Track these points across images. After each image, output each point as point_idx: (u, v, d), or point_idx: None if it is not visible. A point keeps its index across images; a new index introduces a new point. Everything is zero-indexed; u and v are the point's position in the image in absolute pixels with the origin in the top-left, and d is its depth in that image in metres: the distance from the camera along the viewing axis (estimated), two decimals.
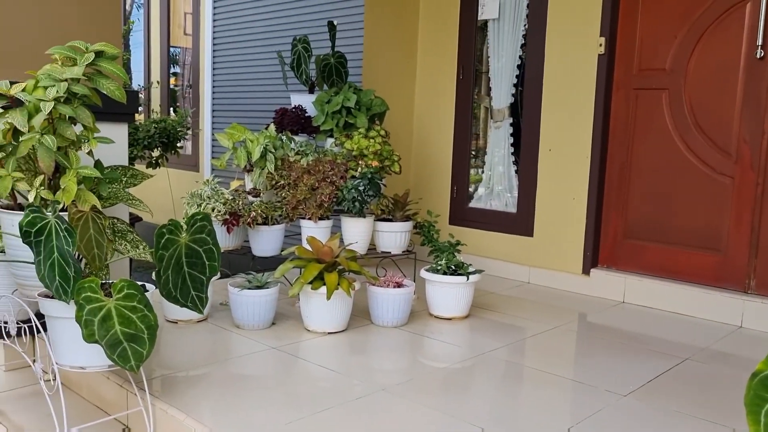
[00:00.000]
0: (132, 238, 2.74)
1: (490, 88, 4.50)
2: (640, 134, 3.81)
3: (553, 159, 4.12)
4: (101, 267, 2.04)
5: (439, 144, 4.69)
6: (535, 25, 4.15)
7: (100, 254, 2.03)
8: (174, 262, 2.24)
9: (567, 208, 4.06)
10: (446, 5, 4.58)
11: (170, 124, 4.83)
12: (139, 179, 2.88)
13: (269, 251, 3.45)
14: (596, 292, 3.95)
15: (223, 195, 3.43)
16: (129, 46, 6.79)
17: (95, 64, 2.30)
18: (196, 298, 2.33)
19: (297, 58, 3.89)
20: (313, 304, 3.02)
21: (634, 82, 3.82)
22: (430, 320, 3.35)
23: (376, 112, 3.82)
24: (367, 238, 3.55)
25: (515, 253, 4.33)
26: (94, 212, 2.04)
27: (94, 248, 2.02)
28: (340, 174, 3.44)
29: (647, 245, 3.81)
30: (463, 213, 4.60)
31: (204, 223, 2.31)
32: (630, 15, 3.81)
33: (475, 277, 3.33)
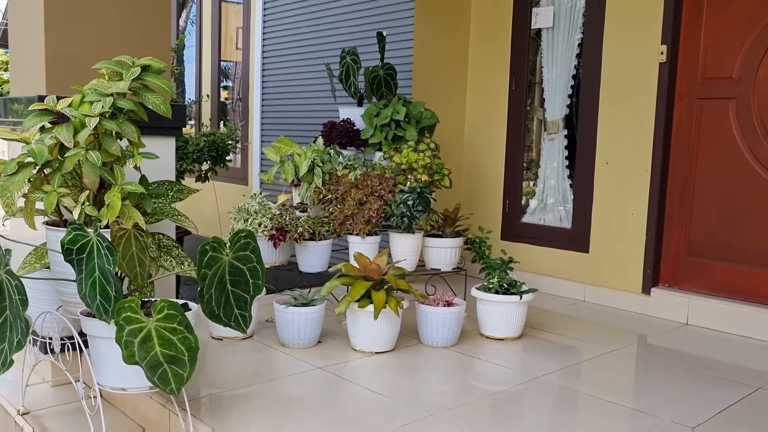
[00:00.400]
0: (177, 254, 2.70)
1: (543, 99, 4.35)
2: (705, 146, 3.62)
3: (610, 172, 3.94)
4: (144, 285, 2.00)
5: (490, 157, 4.56)
6: (592, 33, 4.00)
7: (142, 272, 1.98)
8: (217, 280, 2.19)
9: (625, 224, 3.88)
10: (498, 14, 4.46)
11: (219, 137, 4.84)
12: (185, 194, 2.84)
13: (316, 267, 3.38)
14: (657, 313, 3.74)
15: (270, 210, 3.38)
16: (182, 60, 6.88)
17: (141, 79, 2.27)
18: (240, 317, 2.27)
19: (345, 70, 3.83)
20: (360, 323, 2.93)
21: (698, 91, 3.63)
22: (481, 340, 3.22)
23: (425, 125, 3.73)
24: (416, 255, 3.44)
25: (570, 269, 4.16)
26: (136, 229, 2.00)
27: (137, 266, 1.97)
28: (388, 188, 3.36)
29: (713, 264, 3.60)
30: (516, 228, 4.45)
31: (248, 241, 2.25)
32: (693, 21, 3.62)
33: (528, 296, 3.19)
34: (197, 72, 6.61)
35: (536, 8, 4.31)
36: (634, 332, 3.52)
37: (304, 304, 3.04)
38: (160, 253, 2.64)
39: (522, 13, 4.36)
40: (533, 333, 3.36)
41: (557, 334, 3.38)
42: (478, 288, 3.28)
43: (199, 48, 6.59)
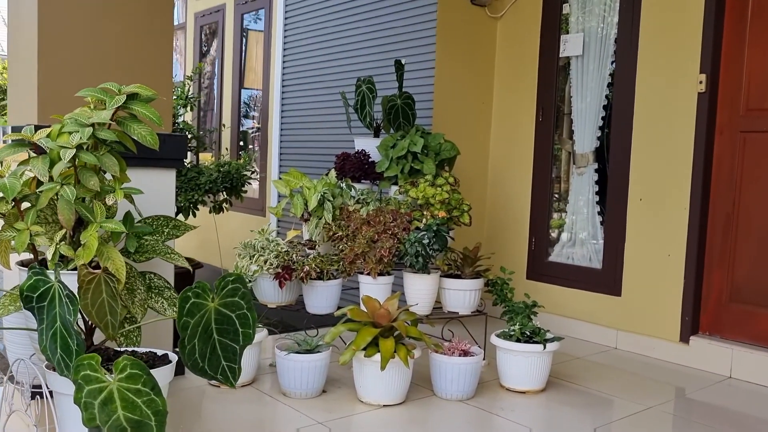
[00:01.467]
0: (170, 296, 2.50)
1: (572, 130, 4.10)
2: (749, 183, 3.32)
3: (644, 210, 3.66)
4: (115, 335, 1.79)
5: (516, 192, 4.30)
6: (625, 61, 3.75)
7: (113, 321, 1.78)
8: (201, 329, 1.97)
9: (661, 266, 3.58)
10: (525, 42, 4.25)
11: (234, 167, 4.68)
12: (181, 231, 2.65)
13: (324, 308, 3.16)
14: (696, 364, 3.42)
15: (278, 246, 3.18)
16: (201, 88, 6.79)
17: (128, 107, 2.10)
18: (228, 369, 2.04)
19: (361, 99, 3.64)
20: (366, 373, 2.69)
21: (741, 123, 3.34)
22: (501, 393, 2.95)
23: (445, 158, 3.50)
24: (432, 297, 3.19)
25: (600, 313, 3.86)
26: (107, 274, 1.80)
27: (107, 315, 1.77)
28: (402, 225, 3.13)
29: (759, 311, 3.27)
30: (542, 267, 4.18)
31: (237, 285, 2.03)
32: (735, 48, 3.35)
33: (553, 345, 2.92)
34: (218, 100, 6.51)
35: (565, 35, 4.08)
36: (671, 385, 3.21)
37: (308, 351, 2.81)
38: (149, 294, 2.44)
39: (550, 41, 4.13)
40: (559, 385, 3.08)
41: (586, 386, 3.08)
42: (498, 335, 3.02)
43: (221, 76, 6.49)
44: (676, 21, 3.51)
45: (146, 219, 2.56)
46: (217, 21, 6.62)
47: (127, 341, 2.28)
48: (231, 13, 6.42)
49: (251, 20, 6.29)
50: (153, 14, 2.78)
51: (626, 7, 3.74)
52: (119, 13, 2.74)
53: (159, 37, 2.78)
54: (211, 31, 6.81)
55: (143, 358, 2.00)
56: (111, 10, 2.73)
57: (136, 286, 2.33)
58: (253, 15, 6.23)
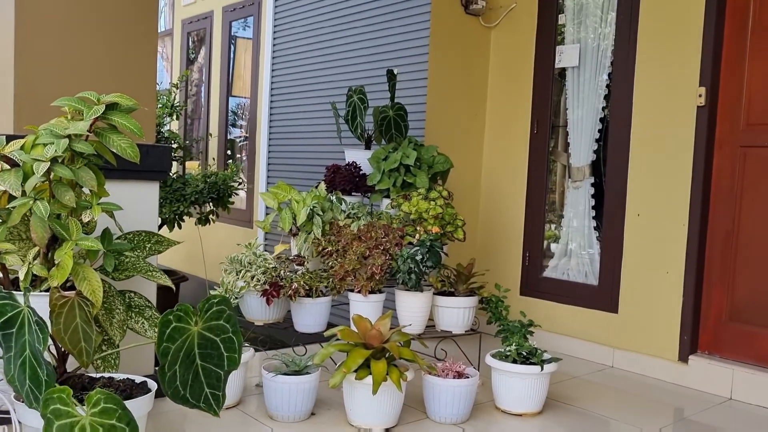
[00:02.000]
0: (151, 315, 2.38)
1: (568, 143, 4.01)
2: (750, 199, 3.24)
3: (642, 225, 3.57)
4: (89, 363, 1.67)
5: (509, 206, 4.21)
6: (622, 73, 3.67)
7: (88, 348, 1.65)
8: (183, 355, 1.86)
9: (659, 283, 3.49)
10: (519, 52, 4.16)
11: (221, 178, 4.56)
12: (164, 246, 2.53)
13: (313, 327, 3.04)
14: (696, 384, 3.33)
15: (265, 261, 3.06)
16: (188, 95, 6.66)
17: (107, 118, 1.98)
18: (211, 397, 1.93)
19: (352, 109, 3.54)
20: (357, 396, 2.57)
21: (741, 138, 3.27)
22: (497, 415, 2.84)
23: (438, 171, 3.40)
24: (425, 315, 3.08)
25: (596, 331, 3.76)
26: (81, 297, 1.68)
27: (81, 341, 1.65)
28: (395, 241, 3.02)
29: (761, 331, 3.19)
30: (536, 283, 4.08)
31: (222, 308, 1.92)
32: (735, 61, 3.28)
33: (550, 366, 2.82)
34: (205, 109, 6.39)
35: (560, 46, 4.01)
36: (671, 406, 3.12)
37: (297, 372, 2.69)
38: (129, 314, 2.32)
39: (545, 51, 4.05)
40: (556, 407, 2.97)
41: (583, 408, 2.98)
42: (493, 355, 2.91)
43: (208, 84, 6.37)
44: (674, 33, 3.43)
45: (127, 234, 2.43)
46: (204, 28, 6.51)
47: (105, 365, 2.16)
48: (219, 20, 6.31)
49: (239, 27, 6.18)
50: (136, 21, 2.67)
51: (623, 18, 3.67)
52: (101, 19, 2.62)
53: (142, 45, 2.67)
54: (199, 39, 6.70)
55: (120, 386, 1.88)
56: (92, 16, 2.61)
57: (115, 305, 2.21)
58: (242, 22, 6.12)
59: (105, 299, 2.13)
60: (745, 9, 3.25)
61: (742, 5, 3.26)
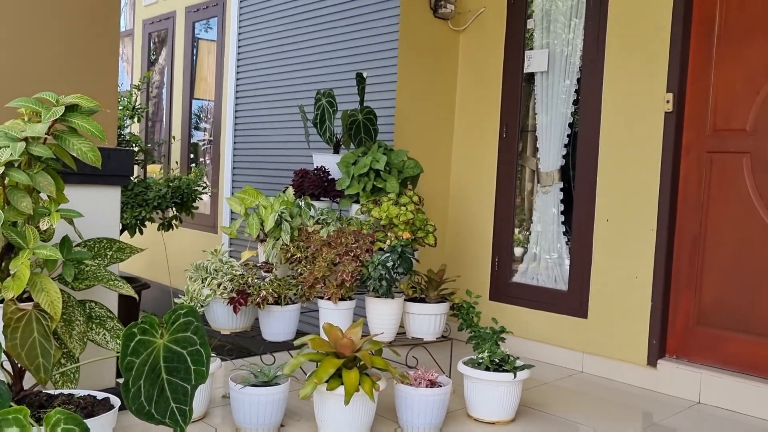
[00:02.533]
0: (112, 326, 2.28)
1: (537, 148, 4.01)
2: (716, 204, 3.28)
3: (611, 231, 3.58)
4: (48, 379, 1.57)
5: (478, 211, 4.19)
6: (590, 78, 3.68)
7: (46, 364, 1.56)
8: (148, 369, 1.77)
9: (628, 288, 3.50)
10: (488, 57, 4.15)
11: (185, 182, 4.44)
12: (126, 254, 2.43)
13: (281, 335, 2.96)
14: (665, 389, 3.34)
15: (232, 268, 2.97)
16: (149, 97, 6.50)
17: (66, 120, 1.88)
18: (178, 412, 1.84)
19: (320, 113, 3.47)
20: (328, 407, 2.50)
21: (707, 144, 3.30)
22: (469, 423, 2.81)
23: (408, 175, 3.36)
24: (396, 322, 3.03)
25: (566, 336, 3.76)
26: (38, 310, 1.58)
27: (39, 356, 1.55)
28: (365, 247, 2.96)
29: (727, 335, 3.22)
30: (506, 288, 4.06)
31: (189, 319, 1.84)
32: (702, 68, 3.32)
33: (523, 374, 2.79)
34: (168, 111, 6.24)
35: (530, 51, 4.00)
36: (640, 411, 3.12)
37: (265, 383, 2.61)
38: (90, 325, 2.21)
39: (514, 56, 4.05)
40: (528, 413, 2.95)
41: (555, 415, 2.96)
42: (465, 363, 2.88)
43: (170, 86, 6.23)
44: (642, 39, 3.46)
45: (87, 242, 2.33)
46: (166, 29, 6.37)
47: (64, 380, 2.05)
48: (182, 20, 6.18)
49: (203, 29, 6.06)
50: (97, 19, 2.56)
51: (591, 25, 3.68)
52: (59, 17, 2.51)
53: (103, 44, 2.56)
54: (161, 39, 6.55)
55: (80, 403, 1.78)
56: (49, 13, 2.50)
57: (75, 317, 2.11)
58: (205, 23, 6.00)
59: (64, 310, 2.03)
60: (711, 16, 3.28)
61: (709, 13, 3.29)
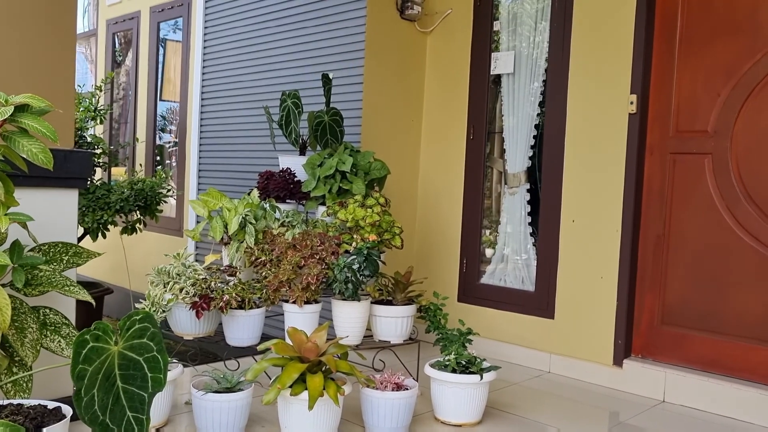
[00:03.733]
0: (68, 333, 2.22)
1: (504, 149, 4.02)
2: (679, 205, 3.31)
3: (576, 231, 3.60)
4: None
5: (446, 213, 4.18)
6: (556, 80, 3.70)
7: None
8: (102, 377, 1.72)
9: (594, 288, 3.52)
10: (455, 58, 4.15)
11: (148, 185, 4.36)
12: (84, 258, 2.37)
13: (246, 340, 2.91)
14: (630, 388, 3.37)
15: (195, 272, 2.91)
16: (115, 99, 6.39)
17: (16, 121, 1.82)
18: (134, 421, 1.79)
19: (286, 114, 3.43)
20: (292, 413, 2.46)
21: (670, 145, 3.34)
22: (436, 426, 2.79)
23: (375, 177, 3.34)
24: (363, 325, 3.00)
25: (533, 337, 3.77)
26: None
27: None
28: (331, 249, 2.93)
29: (691, 334, 3.25)
30: (474, 290, 4.06)
31: (145, 325, 1.79)
32: (664, 70, 3.35)
33: (490, 375, 2.79)
34: (133, 113, 6.13)
35: (496, 53, 4.01)
36: (606, 410, 3.14)
37: (228, 389, 2.56)
38: (44, 332, 2.15)
39: (480, 58, 4.05)
40: (495, 415, 2.94)
41: (522, 416, 2.96)
42: (432, 365, 2.86)
43: (135, 87, 6.12)
44: (606, 42, 3.48)
45: (42, 246, 2.26)
46: (131, 29, 6.26)
47: (16, 389, 1.99)
48: (147, 20, 6.08)
49: (169, 30, 5.96)
50: (52, 17, 2.49)
51: (556, 26, 3.70)
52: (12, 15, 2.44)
53: (59, 43, 2.50)
54: (126, 40, 6.44)
55: (30, 413, 1.72)
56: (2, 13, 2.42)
57: (27, 324, 2.04)
58: (171, 24, 5.91)
59: (16, 317, 1.96)
60: (674, 19, 3.32)
61: (671, 16, 3.33)
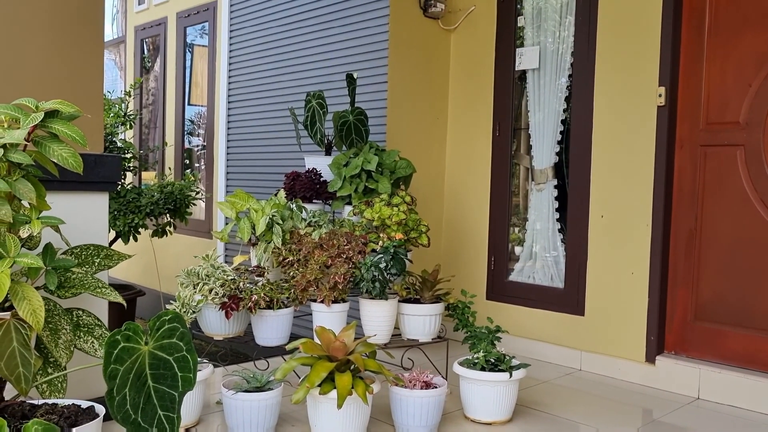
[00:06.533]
0: (101, 334, 2.25)
1: (530, 146, 3.99)
2: (711, 198, 3.25)
3: (606, 227, 3.56)
4: (28, 390, 1.55)
5: (473, 210, 4.16)
6: (582, 74, 3.66)
7: (26, 374, 1.53)
8: (133, 377, 1.74)
9: (625, 284, 3.48)
10: (479, 55, 4.13)
11: (178, 188, 4.42)
12: (115, 260, 2.41)
13: (275, 340, 2.93)
14: (664, 385, 3.31)
15: (224, 273, 2.94)
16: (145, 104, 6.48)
17: (46, 126, 1.86)
18: (165, 420, 1.82)
19: (311, 115, 3.45)
20: (321, 412, 2.47)
21: (701, 138, 3.28)
22: (466, 425, 2.78)
23: (400, 176, 3.33)
24: (390, 324, 3.00)
25: (563, 334, 3.73)
26: (17, 320, 1.56)
27: (19, 366, 1.53)
28: (357, 248, 2.94)
29: (726, 330, 3.19)
30: (502, 287, 4.03)
31: (175, 326, 1.82)
32: (694, 61, 3.29)
33: (519, 373, 2.76)
34: (162, 117, 6.22)
35: (521, 48, 3.98)
36: (639, 408, 3.09)
37: (258, 388, 2.58)
38: (77, 333, 2.19)
39: (505, 54, 4.02)
40: (526, 413, 2.92)
41: (553, 414, 2.93)
42: (461, 363, 2.85)
43: (164, 92, 6.21)
44: (633, 34, 3.43)
45: (74, 249, 2.31)
46: (159, 34, 6.35)
47: (51, 389, 2.02)
48: (173, 26, 6.16)
49: (196, 35, 6.03)
50: (80, 22, 2.54)
51: (582, 21, 3.66)
52: (41, 21, 2.49)
53: (88, 49, 2.54)
54: (154, 46, 6.53)
55: (64, 413, 1.75)
56: (31, 18, 2.47)
57: (61, 325, 2.08)
58: (198, 29, 5.98)
59: (50, 319, 2.00)
60: (702, 9, 3.26)
61: (699, 5, 3.27)
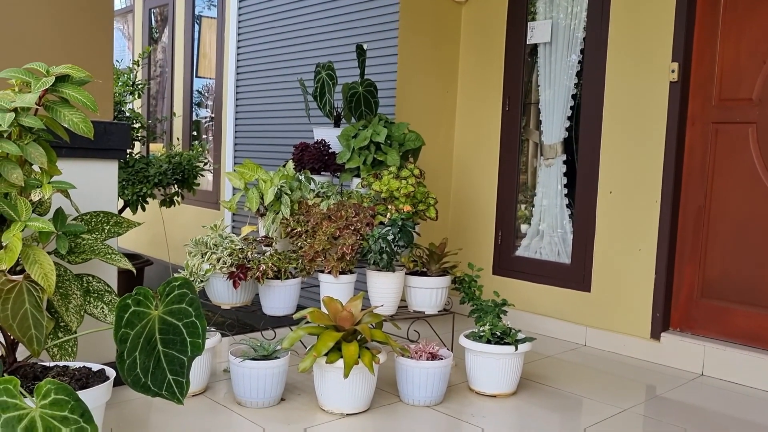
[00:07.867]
0: (111, 300, 2.27)
1: (540, 121, 3.96)
2: (721, 175, 3.23)
3: (614, 203, 3.55)
4: (40, 351, 1.56)
5: (482, 184, 4.15)
6: (594, 49, 3.62)
7: (39, 335, 1.55)
8: (143, 341, 1.76)
9: (632, 260, 3.48)
10: (490, 28, 4.09)
11: (186, 158, 4.42)
12: (124, 228, 2.42)
13: (282, 309, 2.95)
14: (668, 361, 3.33)
15: (232, 243, 2.96)
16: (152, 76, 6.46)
17: (57, 91, 1.86)
18: (175, 384, 1.84)
19: (320, 86, 3.43)
20: (328, 380, 2.50)
21: (713, 114, 3.25)
22: (471, 397, 2.80)
23: (409, 149, 3.32)
24: (397, 296, 3.02)
25: (569, 310, 3.74)
26: (29, 281, 1.57)
27: (32, 328, 1.54)
28: (365, 220, 2.94)
29: (732, 307, 3.19)
30: (509, 262, 4.04)
31: (184, 291, 1.83)
32: (707, 37, 3.25)
33: (524, 346, 2.78)
34: (170, 88, 6.20)
35: (532, 22, 3.94)
36: (643, 384, 3.10)
37: (265, 357, 2.60)
38: (87, 299, 2.20)
39: (516, 27, 3.98)
40: (530, 387, 2.94)
41: (557, 388, 2.95)
42: (467, 336, 2.86)
43: (172, 63, 6.18)
44: (647, 8, 3.39)
45: (84, 216, 2.31)
46: (167, 4, 6.30)
47: (62, 353, 2.05)
48: None
49: (204, 6, 5.99)
50: None
51: None
52: None
53: (97, 14, 2.53)
54: (162, 17, 6.49)
55: (75, 375, 1.78)
56: None
57: (71, 290, 2.10)
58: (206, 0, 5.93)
59: (60, 283, 2.02)
60: None
61: None
